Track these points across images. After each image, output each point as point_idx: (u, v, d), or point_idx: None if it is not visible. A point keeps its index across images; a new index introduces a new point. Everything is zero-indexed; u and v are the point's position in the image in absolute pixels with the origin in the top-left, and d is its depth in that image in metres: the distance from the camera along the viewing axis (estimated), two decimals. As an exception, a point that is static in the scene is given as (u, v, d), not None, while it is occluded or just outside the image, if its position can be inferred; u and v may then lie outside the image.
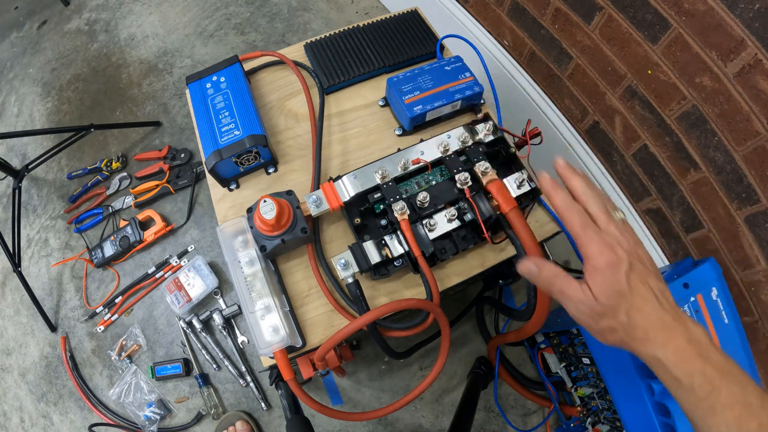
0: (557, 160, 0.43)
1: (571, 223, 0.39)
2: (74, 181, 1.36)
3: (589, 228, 0.38)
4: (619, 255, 0.37)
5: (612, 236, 0.38)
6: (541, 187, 0.42)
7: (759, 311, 0.71)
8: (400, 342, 0.98)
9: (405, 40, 0.73)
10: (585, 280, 0.38)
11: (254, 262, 0.55)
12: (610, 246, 0.37)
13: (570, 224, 0.39)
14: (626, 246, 0.38)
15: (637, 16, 0.70)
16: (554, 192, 0.41)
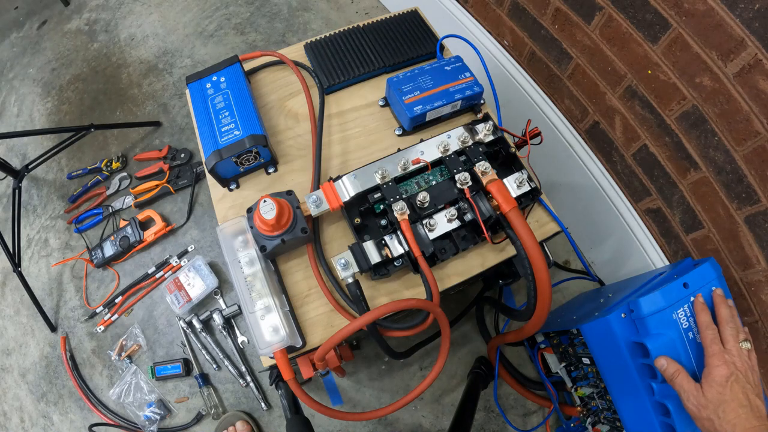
0: (716, 289, 0.59)
1: (705, 337, 0.55)
2: (74, 181, 1.36)
3: (716, 345, 0.53)
4: (731, 370, 0.51)
5: (731, 355, 0.52)
6: (695, 305, 0.58)
7: (759, 311, 0.71)
8: (400, 342, 0.98)
9: (405, 40, 0.73)
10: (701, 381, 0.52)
11: (254, 262, 0.55)
12: (727, 362, 0.51)
13: (704, 338, 0.55)
14: (739, 365, 0.51)
15: (637, 16, 0.70)
16: (702, 312, 0.57)
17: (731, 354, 0.52)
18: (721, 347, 0.53)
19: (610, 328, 0.62)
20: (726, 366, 0.51)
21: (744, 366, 0.51)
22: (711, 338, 0.54)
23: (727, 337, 0.54)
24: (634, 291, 0.67)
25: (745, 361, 0.52)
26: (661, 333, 0.58)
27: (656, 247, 0.89)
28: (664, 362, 0.55)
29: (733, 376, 0.50)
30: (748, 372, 0.51)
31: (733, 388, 0.49)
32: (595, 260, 1.09)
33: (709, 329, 0.55)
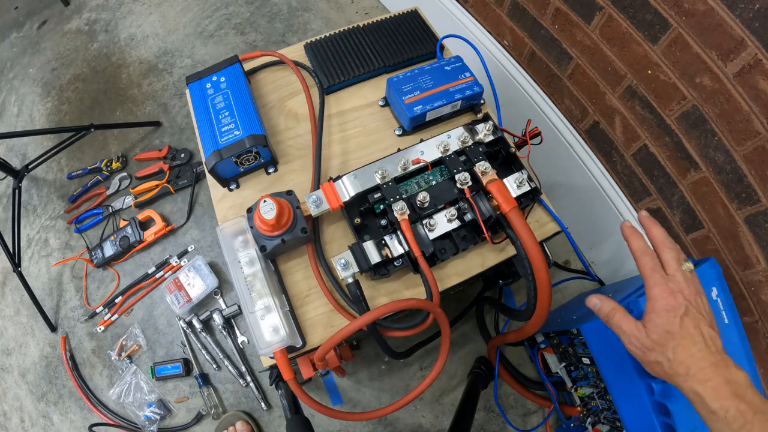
0: (642, 212, 0.50)
1: (643, 266, 0.46)
2: (74, 181, 1.36)
3: (657, 273, 0.44)
4: (678, 301, 0.42)
5: (676, 283, 0.44)
6: (622, 232, 0.49)
7: (759, 311, 0.71)
8: (400, 342, 0.98)
9: (405, 40, 0.73)
10: (643, 317, 0.44)
11: (254, 262, 0.55)
12: (672, 291, 0.43)
13: (642, 267, 0.46)
14: (687, 293, 0.43)
15: (637, 16, 0.70)
16: (633, 236, 0.48)
17: (676, 281, 0.44)
18: (664, 275, 0.44)
19: (610, 328, 0.62)
20: (672, 296, 0.43)
21: (692, 293, 0.43)
22: (651, 266, 0.45)
23: (668, 261, 0.45)
24: (634, 291, 0.67)
25: (692, 288, 0.43)
26: (661, 333, 0.58)
27: (656, 247, 0.89)
28: (596, 301, 0.48)
29: (682, 308, 0.42)
30: (698, 299, 0.43)
31: (683, 322, 0.42)
32: (595, 260, 1.09)
33: (646, 255, 0.46)
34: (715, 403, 0.38)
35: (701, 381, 0.39)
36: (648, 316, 0.44)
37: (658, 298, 0.43)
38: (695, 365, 0.40)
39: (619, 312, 0.46)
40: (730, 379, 0.39)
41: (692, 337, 0.41)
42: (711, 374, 0.39)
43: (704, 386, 0.39)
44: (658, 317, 0.43)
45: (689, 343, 0.41)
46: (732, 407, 0.38)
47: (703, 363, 0.40)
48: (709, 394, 0.39)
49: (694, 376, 0.40)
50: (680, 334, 0.41)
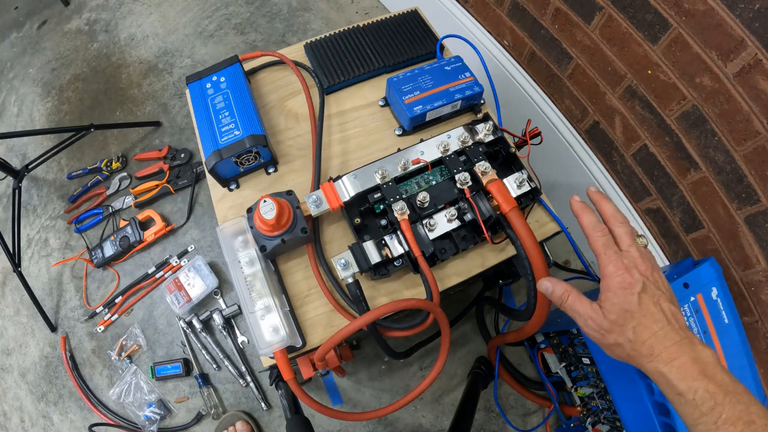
0: (589, 188, 0.47)
1: (595, 242, 0.43)
2: (74, 181, 1.36)
3: (611, 249, 0.42)
4: (634, 277, 0.39)
5: (631, 259, 0.41)
6: (572, 207, 0.46)
7: (759, 311, 0.71)
8: (400, 342, 0.98)
9: (405, 40, 0.73)
10: (599, 297, 0.41)
11: (254, 262, 0.55)
12: (627, 268, 0.40)
13: (594, 244, 0.43)
14: (643, 269, 0.40)
15: (637, 16, 0.70)
16: (583, 212, 0.45)
17: (631, 257, 0.41)
18: (617, 250, 0.41)
19: (610, 328, 0.62)
20: (628, 273, 0.39)
21: (648, 269, 0.40)
22: (603, 242, 0.42)
23: (621, 236, 0.42)
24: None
25: (647, 263, 0.41)
26: (661, 333, 0.58)
27: (656, 247, 0.89)
28: (547, 284, 0.45)
29: (639, 284, 0.39)
30: (655, 275, 0.40)
31: (642, 299, 0.39)
32: (595, 260, 1.08)
33: (597, 231, 0.43)
34: (682, 384, 0.36)
35: (666, 361, 0.37)
36: (604, 295, 0.41)
37: (613, 276, 0.40)
38: (659, 344, 0.37)
39: (572, 294, 0.43)
40: (697, 358, 0.36)
41: (653, 315, 0.38)
42: (676, 353, 0.37)
43: (669, 366, 0.37)
44: (614, 296, 0.40)
45: (650, 321, 0.38)
46: (700, 388, 0.35)
47: (666, 342, 0.37)
48: (675, 375, 0.36)
49: (658, 356, 0.37)
50: (640, 312, 0.39)
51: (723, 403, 0.34)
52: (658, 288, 0.40)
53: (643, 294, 0.39)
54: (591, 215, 0.44)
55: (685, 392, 0.36)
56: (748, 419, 0.33)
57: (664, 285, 0.41)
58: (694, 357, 0.36)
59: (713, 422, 0.34)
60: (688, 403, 0.35)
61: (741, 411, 0.34)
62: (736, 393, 0.35)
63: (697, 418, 0.35)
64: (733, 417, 0.34)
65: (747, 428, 0.33)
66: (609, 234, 0.43)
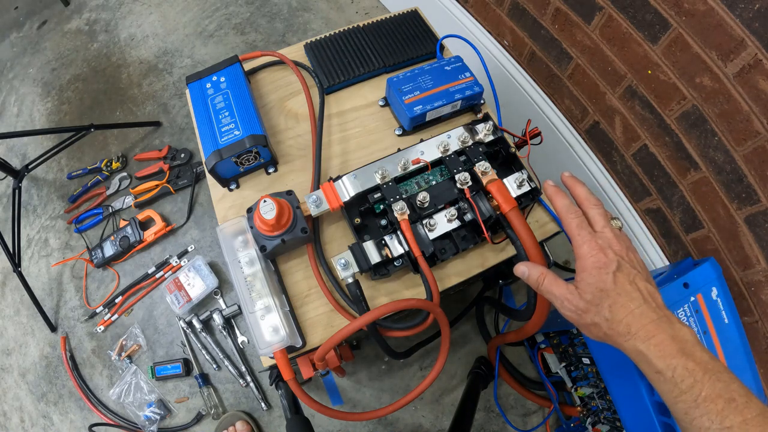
0: (563, 173, 0.47)
1: (569, 224, 0.43)
2: (74, 181, 1.36)
3: (584, 230, 0.42)
4: (609, 257, 0.40)
5: (605, 239, 0.41)
6: (545, 191, 0.46)
7: (759, 311, 0.71)
8: (400, 342, 0.98)
9: (405, 40, 0.73)
10: (574, 278, 0.41)
11: (254, 262, 0.55)
12: (602, 248, 0.40)
13: (568, 226, 0.43)
14: (617, 249, 0.40)
15: (637, 16, 0.70)
16: (556, 196, 0.45)
17: (605, 237, 0.41)
18: (591, 231, 0.42)
19: (610, 328, 0.62)
20: (603, 252, 0.40)
21: (623, 249, 0.40)
22: (577, 223, 0.42)
23: (594, 218, 0.43)
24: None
25: (622, 243, 0.41)
26: (661, 333, 0.58)
27: (656, 247, 0.89)
28: (524, 269, 0.46)
29: (614, 263, 0.39)
30: (630, 254, 0.41)
31: (617, 278, 0.39)
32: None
33: (571, 213, 0.43)
34: (661, 362, 0.35)
35: (644, 339, 0.36)
36: (579, 276, 0.41)
37: (588, 256, 0.40)
38: (636, 322, 0.37)
39: (548, 276, 0.43)
40: (675, 336, 0.36)
41: (629, 293, 0.38)
42: (654, 331, 0.36)
43: (647, 344, 0.36)
44: (589, 276, 0.40)
45: (626, 299, 0.38)
46: (679, 366, 0.35)
47: (643, 320, 0.37)
48: (653, 353, 0.36)
49: (635, 335, 0.37)
50: (615, 291, 0.38)
51: (703, 381, 0.34)
52: (633, 267, 0.40)
53: (618, 273, 0.39)
54: (564, 198, 0.45)
55: (664, 370, 0.35)
56: (728, 396, 0.33)
57: (640, 264, 0.41)
58: (673, 335, 0.36)
59: (693, 400, 0.34)
60: (668, 381, 0.35)
61: (721, 389, 0.33)
62: (715, 371, 0.34)
63: (677, 396, 0.35)
64: (713, 394, 0.33)
65: (728, 405, 0.33)
66: (582, 216, 0.43)
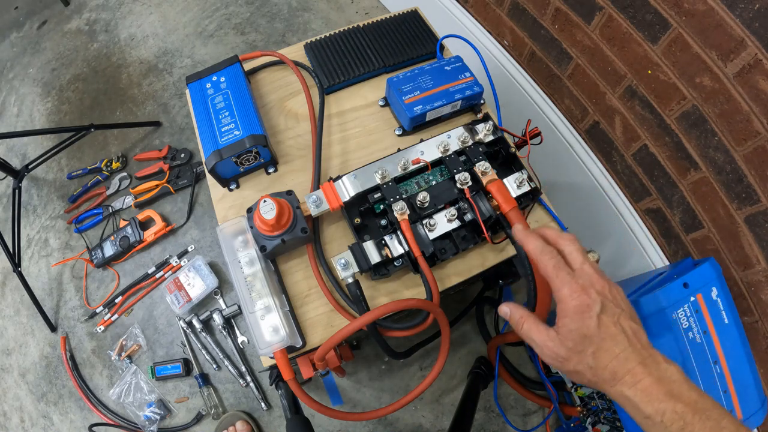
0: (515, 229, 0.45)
1: (545, 266, 0.39)
2: (74, 181, 1.36)
3: (563, 270, 0.38)
4: (591, 297, 0.37)
5: (586, 277, 0.38)
6: (516, 236, 0.44)
7: (759, 311, 0.71)
8: (400, 342, 0.98)
9: (405, 40, 0.73)
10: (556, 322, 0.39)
11: (254, 262, 0.55)
12: (584, 287, 0.37)
13: (544, 268, 0.39)
14: (600, 287, 0.38)
15: (637, 16, 0.70)
16: (527, 238, 0.42)
17: (586, 275, 0.38)
18: (570, 271, 0.38)
19: (610, 328, 0.62)
20: (585, 293, 0.37)
21: (605, 285, 0.38)
22: (554, 264, 0.39)
23: (571, 254, 0.39)
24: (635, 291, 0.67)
25: (605, 279, 0.38)
26: (661, 333, 0.58)
27: (656, 247, 0.89)
28: (506, 309, 0.44)
29: (597, 304, 0.36)
30: (613, 291, 0.38)
31: (601, 321, 0.36)
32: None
33: (545, 253, 0.39)
34: (649, 407, 0.34)
35: (630, 384, 0.35)
36: (560, 321, 0.38)
37: (569, 299, 0.37)
38: (621, 367, 0.35)
39: (528, 320, 0.41)
40: (662, 378, 0.35)
41: (613, 337, 0.36)
42: (640, 374, 0.35)
43: (634, 390, 0.35)
44: (571, 321, 0.37)
45: (611, 343, 0.36)
46: (668, 410, 0.34)
47: (629, 363, 0.35)
48: (640, 398, 0.35)
49: (621, 380, 0.35)
50: (599, 336, 0.36)
51: (693, 422, 0.33)
52: (617, 306, 0.38)
53: (603, 315, 0.37)
54: (537, 239, 0.41)
55: (653, 415, 0.34)
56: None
57: (624, 301, 0.39)
58: (659, 377, 0.35)
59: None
60: (657, 426, 0.34)
61: (711, 427, 0.33)
62: (705, 410, 0.34)
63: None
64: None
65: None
66: (558, 255, 0.40)
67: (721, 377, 0.60)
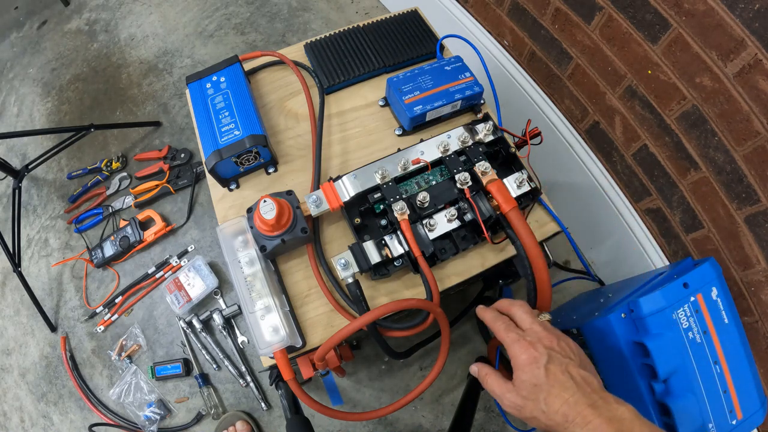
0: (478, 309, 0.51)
1: (498, 330, 0.46)
2: (74, 181, 1.36)
3: (512, 331, 0.44)
4: (539, 350, 0.42)
5: (534, 335, 0.43)
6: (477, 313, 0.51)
7: (759, 311, 0.71)
8: (400, 342, 0.98)
9: (405, 40, 0.73)
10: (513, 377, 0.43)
11: (254, 262, 0.55)
12: (531, 343, 0.42)
13: (497, 332, 0.46)
14: (547, 342, 0.42)
15: (637, 16, 0.70)
16: (484, 312, 0.50)
17: (533, 333, 0.43)
18: (520, 331, 0.44)
19: (610, 327, 0.62)
20: (532, 348, 0.42)
21: (553, 339, 0.42)
22: (504, 327, 0.45)
23: (521, 317, 0.46)
24: (634, 291, 0.67)
25: (553, 334, 0.43)
26: (661, 333, 0.58)
27: (656, 247, 0.89)
28: (474, 368, 0.49)
29: (544, 356, 0.41)
30: (561, 343, 0.42)
31: (548, 371, 0.40)
32: (595, 260, 1.09)
33: (498, 320, 0.47)
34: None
35: (581, 425, 0.37)
36: (515, 374, 0.43)
37: (519, 354, 0.42)
38: (572, 411, 0.38)
39: (490, 376, 0.46)
40: (612, 418, 0.37)
41: (562, 383, 0.40)
42: (590, 416, 0.37)
43: (585, 430, 0.37)
44: (523, 373, 0.42)
45: (560, 389, 0.39)
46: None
47: (579, 407, 0.38)
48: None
49: (573, 422, 0.38)
50: (548, 383, 0.40)
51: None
52: (565, 356, 0.41)
53: (550, 365, 0.41)
54: (492, 311, 0.49)
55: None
56: None
57: (574, 352, 0.43)
58: (610, 417, 0.37)
59: None
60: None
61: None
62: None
63: None
64: None
65: None
66: (509, 320, 0.46)
67: (721, 377, 0.60)
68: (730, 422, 0.59)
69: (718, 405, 0.59)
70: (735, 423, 0.60)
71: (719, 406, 0.59)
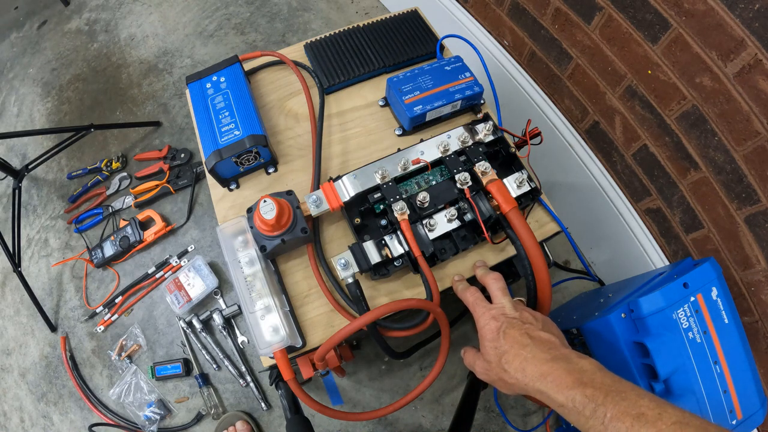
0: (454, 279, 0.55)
1: (467, 300, 0.49)
2: (74, 181, 1.36)
3: (479, 305, 0.48)
4: (500, 321, 0.45)
5: (499, 308, 0.46)
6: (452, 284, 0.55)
7: (759, 311, 0.71)
8: (400, 342, 0.98)
9: (405, 40, 0.73)
10: None
11: (254, 262, 0.55)
12: (494, 316, 0.45)
13: (466, 302, 0.50)
14: (510, 314, 0.45)
15: (637, 16, 0.70)
16: (457, 282, 0.54)
17: (499, 306, 0.46)
18: (487, 304, 0.47)
19: (610, 327, 0.62)
20: (495, 319, 0.45)
21: (516, 311, 0.45)
22: (473, 300, 0.48)
23: (494, 293, 0.48)
24: (634, 291, 0.67)
25: (518, 309, 0.46)
26: (661, 333, 0.58)
27: (656, 247, 0.89)
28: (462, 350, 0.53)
29: (504, 324, 0.44)
30: (525, 314, 0.45)
31: (507, 335, 0.43)
32: (595, 260, 1.09)
33: (467, 292, 0.50)
34: (560, 396, 0.37)
35: (540, 378, 0.39)
36: (481, 343, 0.46)
37: (484, 326, 0.45)
38: (530, 366, 0.40)
39: (467, 351, 0.50)
40: (571, 369, 0.38)
41: (520, 343, 0.42)
42: (549, 369, 0.39)
43: (544, 382, 0.39)
44: (487, 341, 0.45)
45: (518, 348, 0.42)
46: (578, 395, 0.36)
47: (537, 362, 0.40)
48: (551, 388, 0.38)
49: (532, 376, 0.40)
50: (507, 345, 0.43)
51: (605, 403, 0.35)
52: (526, 322, 0.44)
53: (509, 329, 0.44)
54: (462, 281, 0.53)
55: (565, 402, 0.37)
56: (636, 413, 0.34)
57: (537, 319, 0.45)
58: (569, 368, 0.38)
59: (600, 423, 0.35)
60: (571, 412, 0.37)
61: (627, 406, 0.34)
62: (619, 391, 0.35)
63: (584, 423, 0.36)
64: (618, 413, 0.34)
65: (636, 421, 0.33)
66: (478, 292, 0.49)
67: (721, 377, 0.60)
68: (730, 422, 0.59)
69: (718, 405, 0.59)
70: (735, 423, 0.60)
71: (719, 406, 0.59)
